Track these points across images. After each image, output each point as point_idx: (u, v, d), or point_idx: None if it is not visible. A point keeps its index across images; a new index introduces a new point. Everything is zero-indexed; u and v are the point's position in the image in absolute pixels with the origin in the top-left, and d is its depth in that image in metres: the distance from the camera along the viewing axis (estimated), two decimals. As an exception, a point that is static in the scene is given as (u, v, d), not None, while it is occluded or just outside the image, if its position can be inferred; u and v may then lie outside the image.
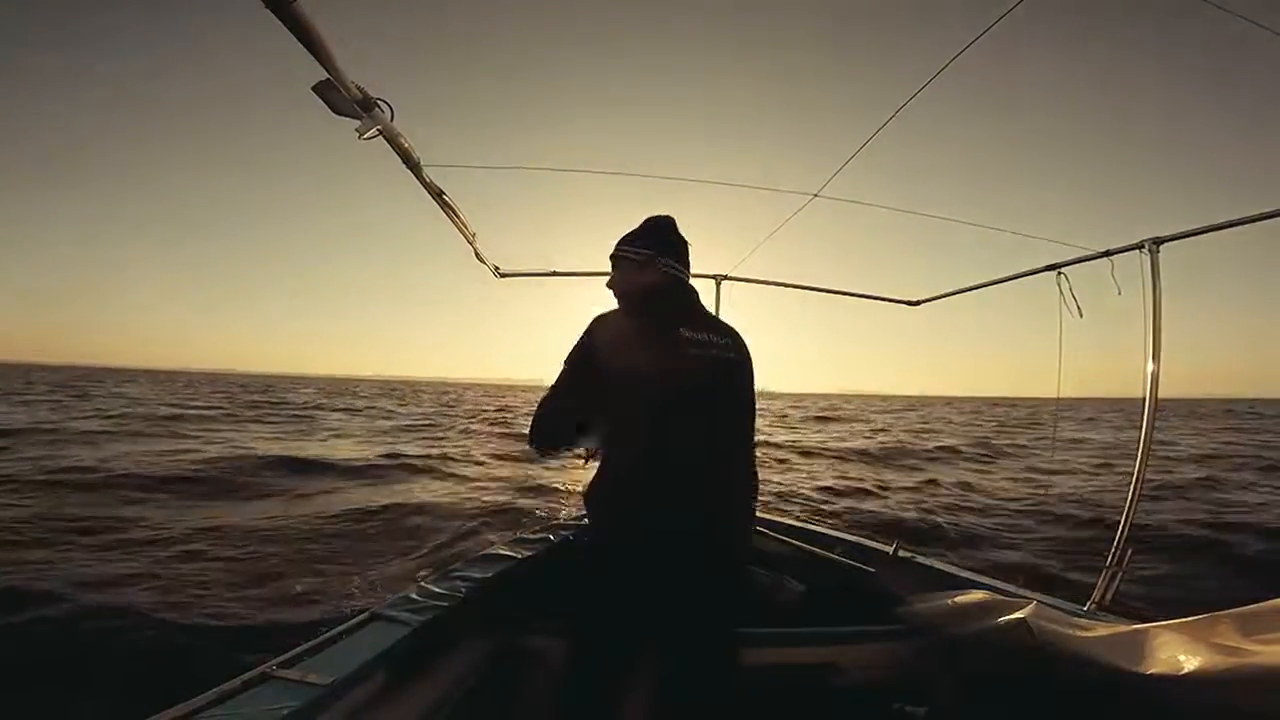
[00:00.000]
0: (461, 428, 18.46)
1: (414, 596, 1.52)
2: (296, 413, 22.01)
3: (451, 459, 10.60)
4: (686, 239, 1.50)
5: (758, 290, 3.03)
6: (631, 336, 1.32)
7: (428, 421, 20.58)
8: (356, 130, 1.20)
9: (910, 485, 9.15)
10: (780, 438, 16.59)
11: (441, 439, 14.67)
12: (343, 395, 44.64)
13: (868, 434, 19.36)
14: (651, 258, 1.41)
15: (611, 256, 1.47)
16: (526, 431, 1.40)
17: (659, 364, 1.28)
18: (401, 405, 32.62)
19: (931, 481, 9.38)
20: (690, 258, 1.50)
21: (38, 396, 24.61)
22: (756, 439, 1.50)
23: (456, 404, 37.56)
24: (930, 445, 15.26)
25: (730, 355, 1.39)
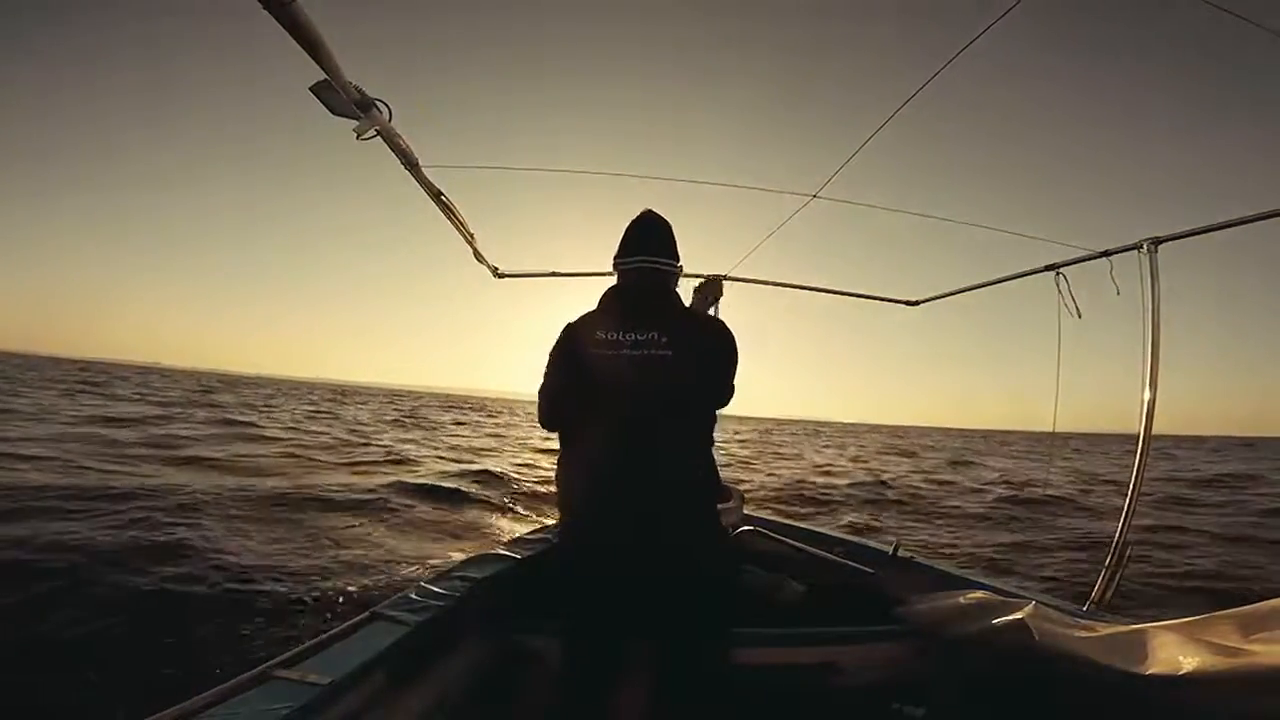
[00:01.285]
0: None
1: (414, 596, 1.52)
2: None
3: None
4: (666, 224, 1.50)
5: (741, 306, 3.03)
6: (561, 343, 1.45)
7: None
8: (354, 130, 1.20)
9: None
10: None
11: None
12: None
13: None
14: (618, 263, 1.49)
15: None
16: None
17: (568, 367, 1.41)
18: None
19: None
20: (670, 241, 1.50)
21: None
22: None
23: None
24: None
25: (660, 352, 1.31)
